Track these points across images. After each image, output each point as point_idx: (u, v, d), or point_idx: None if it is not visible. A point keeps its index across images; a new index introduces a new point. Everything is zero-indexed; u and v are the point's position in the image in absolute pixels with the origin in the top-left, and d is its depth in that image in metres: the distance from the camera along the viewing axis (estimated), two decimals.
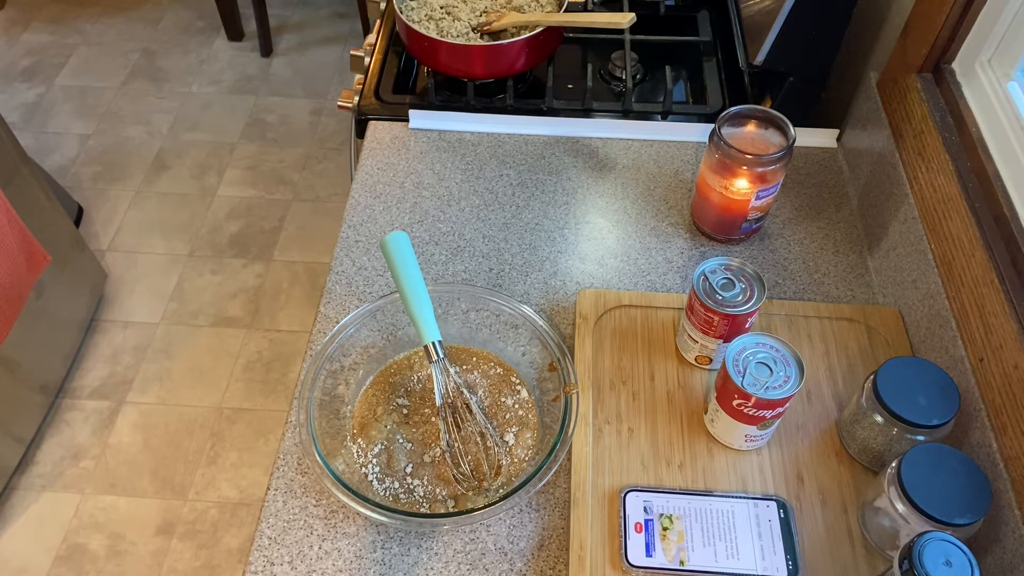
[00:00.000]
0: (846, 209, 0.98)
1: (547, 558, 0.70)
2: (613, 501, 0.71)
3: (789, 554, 0.68)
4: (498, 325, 0.81)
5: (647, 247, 0.94)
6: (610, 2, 1.28)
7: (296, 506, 0.72)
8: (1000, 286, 0.70)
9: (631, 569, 0.67)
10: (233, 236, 2.15)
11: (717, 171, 0.86)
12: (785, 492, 0.72)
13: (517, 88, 1.14)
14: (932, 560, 0.55)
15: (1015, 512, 0.63)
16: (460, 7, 1.11)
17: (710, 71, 1.17)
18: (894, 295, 0.87)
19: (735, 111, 0.86)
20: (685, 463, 0.74)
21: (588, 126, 1.07)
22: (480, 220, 0.96)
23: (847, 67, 1.10)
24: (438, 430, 0.76)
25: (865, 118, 0.98)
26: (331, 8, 2.85)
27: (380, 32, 1.21)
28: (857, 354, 0.82)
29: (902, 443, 0.69)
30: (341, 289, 0.89)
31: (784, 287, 0.90)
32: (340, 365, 0.78)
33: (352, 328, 0.78)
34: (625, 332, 0.84)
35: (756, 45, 1.00)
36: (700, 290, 0.75)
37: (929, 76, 0.89)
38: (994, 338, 0.69)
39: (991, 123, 0.80)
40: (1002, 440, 0.66)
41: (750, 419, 0.70)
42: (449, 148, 1.05)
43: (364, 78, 1.14)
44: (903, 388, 0.69)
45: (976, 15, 0.82)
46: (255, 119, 2.47)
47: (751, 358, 0.70)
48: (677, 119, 1.10)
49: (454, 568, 0.69)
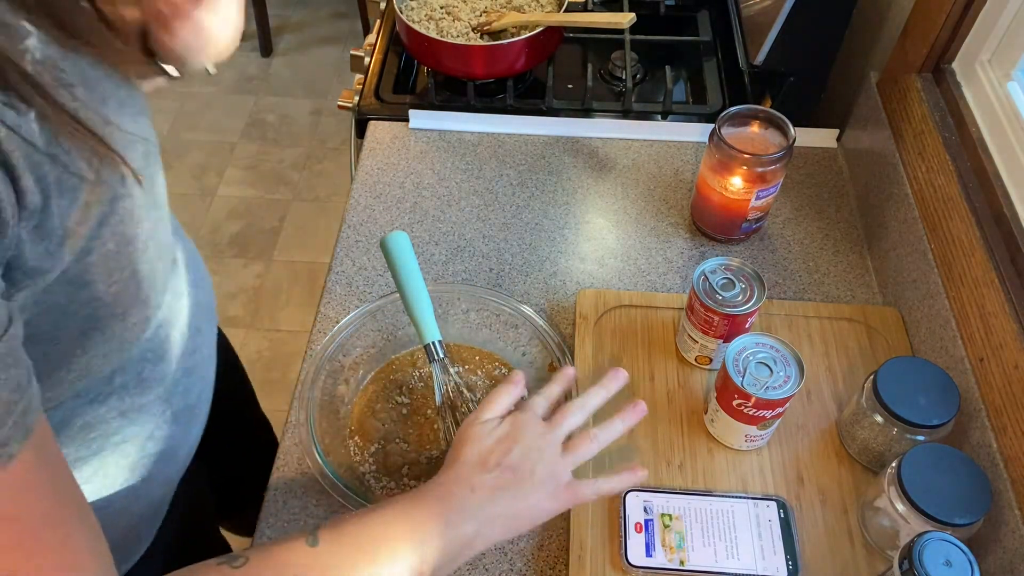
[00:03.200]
0: (846, 209, 0.98)
1: (547, 558, 0.70)
2: (613, 501, 0.71)
3: (789, 554, 0.68)
4: (498, 325, 0.81)
5: (647, 247, 0.94)
6: (610, 2, 1.27)
7: (296, 506, 0.72)
8: (1000, 286, 0.70)
9: (631, 569, 0.67)
10: (233, 236, 2.15)
11: (717, 171, 0.86)
12: (785, 492, 0.72)
13: (517, 88, 1.14)
14: (932, 560, 0.55)
15: (1015, 512, 0.63)
16: (460, 7, 1.11)
17: (710, 71, 1.16)
18: (894, 295, 0.87)
19: (735, 111, 0.86)
20: (685, 463, 0.74)
21: (588, 126, 1.07)
22: (480, 220, 0.96)
23: (847, 67, 1.10)
24: (436, 431, 0.76)
25: (865, 118, 0.98)
26: (331, 8, 2.85)
27: (380, 32, 1.21)
28: (857, 354, 0.82)
29: (902, 443, 0.69)
30: (341, 289, 0.89)
31: (784, 287, 0.90)
32: (340, 365, 0.78)
33: (352, 328, 0.78)
34: (625, 332, 0.84)
35: (756, 45, 1.00)
36: (700, 290, 0.75)
37: (929, 76, 0.89)
38: (994, 338, 0.69)
39: (991, 123, 0.80)
40: (1002, 440, 0.66)
41: (750, 419, 0.70)
42: (449, 148, 1.05)
43: (364, 78, 1.14)
44: (903, 388, 0.69)
45: (976, 15, 0.82)
46: (255, 119, 2.47)
47: (751, 358, 0.70)
48: (677, 119, 1.10)
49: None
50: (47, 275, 0.43)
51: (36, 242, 0.41)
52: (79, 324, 0.48)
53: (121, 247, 0.48)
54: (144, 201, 0.50)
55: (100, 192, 0.45)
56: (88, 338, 0.49)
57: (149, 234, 0.51)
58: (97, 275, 0.47)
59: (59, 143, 0.41)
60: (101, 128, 0.46)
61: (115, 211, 0.46)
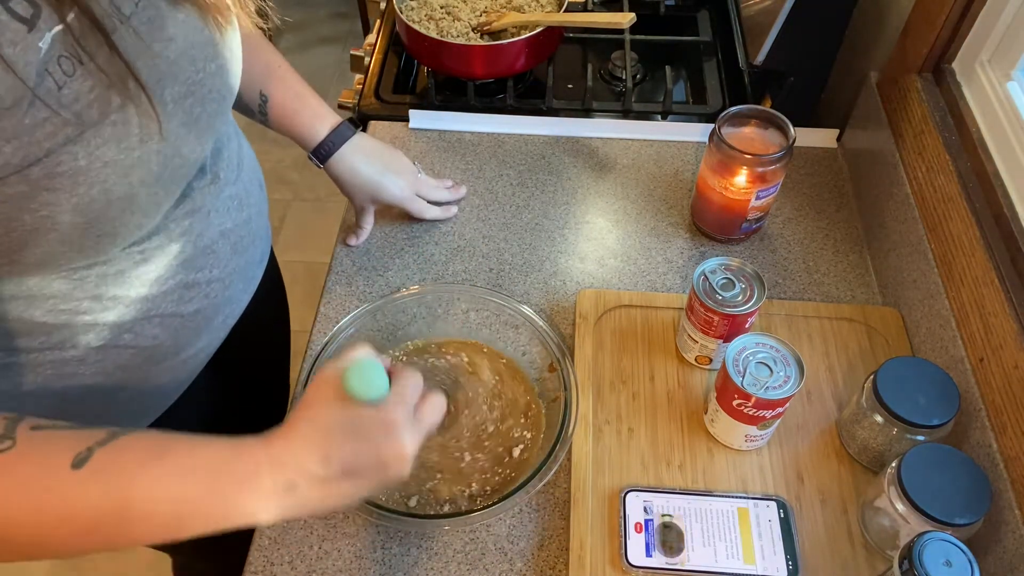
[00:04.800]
0: (846, 209, 0.98)
1: (547, 558, 0.70)
2: (613, 501, 0.71)
3: (789, 554, 0.68)
4: (498, 325, 0.81)
5: (647, 247, 0.94)
6: (610, 2, 1.28)
7: None
8: (1000, 286, 0.70)
9: (631, 569, 0.67)
10: None
11: (717, 171, 0.86)
12: (785, 492, 0.72)
13: (517, 88, 1.14)
14: (932, 560, 0.55)
15: (1015, 512, 0.63)
16: (460, 7, 1.11)
17: (710, 71, 1.17)
18: (894, 295, 0.87)
19: (735, 111, 0.86)
20: (685, 463, 0.74)
21: (588, 126, 1.07)
22: (480, 220, 0.96)
23: (847, 67, 1.10)
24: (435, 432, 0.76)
25: (865, 118, 0.98)
26: (331, 8, 2.85)
27: (380, 32, 1.21)
28: (857, 354, 0.82)
29: (902, 443, 0.69)
30: (341, 289, 0.89)
31: (784, 287, 0.90)
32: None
33: (352, 328, 0.78)
34: (625, 332, 0.84)
35: (756, 45, 1.00)
36: (700, 290, 0.75)
37: (929, 76, 0.89)
38: (994, 338, 0.69)
39: (991, 123, 0.80)
40: (1002, 440, 0.66)
41: (750, 419, 0.70)
42: (449, 148, 1.05)
43: (364, 78, 1.14)
44: (903, 388, 0.69)
45: (976, 15, 0.82)
46: None
47: (751, 358, 0.70)
48: (677, 119, 1.10)
49: (454, 568, 0.69)
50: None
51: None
52: (33, 220, 0.48)
53: (93, 165, 0.49)
54: (146, 134, 0.52)
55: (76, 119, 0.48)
56: (42, 236, 0.50)
57: (140, 162, 0.52)
58: (60, 184, 0.48)
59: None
60: (141, 59, 0.51)
61: (99, 134, 0.49)
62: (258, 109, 0.83)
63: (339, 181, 0.88)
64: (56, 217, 0.49)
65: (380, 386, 0.55)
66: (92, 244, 0.54)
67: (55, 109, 0.46)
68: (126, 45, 0.50)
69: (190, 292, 0.67)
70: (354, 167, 0.86)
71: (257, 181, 0.79)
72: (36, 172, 0.46)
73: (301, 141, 0.85)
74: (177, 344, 0.69)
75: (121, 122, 0.50)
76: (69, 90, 0.46)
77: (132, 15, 0.51)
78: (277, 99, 0.83)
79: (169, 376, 0.72)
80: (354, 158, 0.86)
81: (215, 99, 0.61)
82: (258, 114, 0.84)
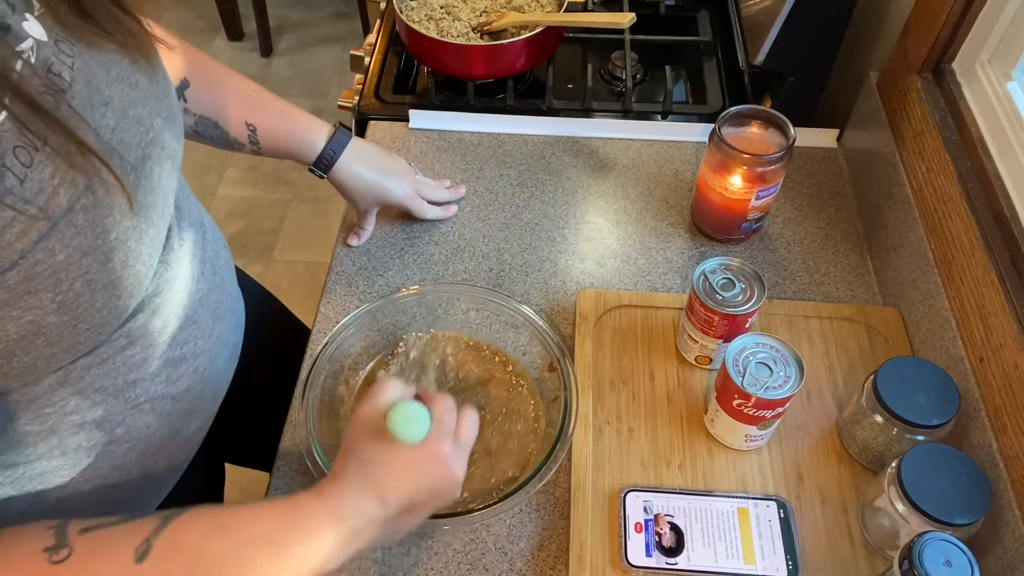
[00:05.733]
0: (846, 209, 0.98)
1: (547, 558, 0.70)
2: (613, 501, 0.71)
3: (789, 554, 0.68)
4: (498, 325, 0.81)
5: (647, 247, 0.94)
6: (610, 2, 1.28)
7: None
8: (1000, 286, 0.70)
9: (631, 569, 0.67)
10: (233, 236, 2.15)
11: (717, 171, 0.86)
12: (785, 492, 0.72)
13: (517, 88, 1.14)
14: (932, 560, 0.55)
15: (1015, 512, 0.63)
16: (460, 7, 1.11)
17: (710, 71, 1.16)
18: (894, 295, 0.87)
19: (735, 111, 0.86)
20: (685, 463, 0.74)
21: (588, 126, 1.07)
22: (480, 220, 0.96)
23: (847, 67, 1.10)
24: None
25: (865, 118, 0.98)
26: (331, 8, 2.85)
27: (380, 32, 1.21)
28: (857, 354, 0.82)
29: (902, 443, 0.69)
30: (341, 289, 0.89)
31: (784, 287, 0.90)
32: (340, 365, 0.78)
33: (352, 328, 0.78)
34: (625, 332, 0.84)
35: (756, 45, 1.00)
36: (700, 290, 0.75)
37: (929, 76, 0.89)
38: (994, 338, 0.69)
39: (991, 123, 0.80)
40: (1002, 440, 0.66)
41: (750, 419, 0.70)
42: (449, 148, 1.05)
43: (364, 78, 1.14)
44: (903, 388, 0.69)
45: (976, 15, 0.82)
46: None
47: (751, 358, 0.70)
48: (677, 119, 1.10)
49: (454, 568, 0.69)
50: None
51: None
52: (18, 328, 0.46)
53: (72, 258, 0.46)
54: (117, 211, 0.49)
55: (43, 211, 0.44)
56: (29, 342, 0.47)
57: (118, 243, 0.50)
58: (42, 285, 0.45)
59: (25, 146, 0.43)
60: (88, 134, 0.47)
61: (72, 223, 0.46)
62: (248, 140, 0.81)
63: (342, 188, 0.87)
64: (42, 320, 0.46)
65: (424, 425, 0.58)
66: (81, 340, 0.51)
67: (19, 209, 0.43)
68: (73, 123, 0.46)
69: (178, 370, 0.63)
70: (357, 173, 0.85)
71: (220, 240, 0.75)
72: (13, 276, 0.43)
73: (300, 157, 0.83)
74: (172, 428, 0.65)
75: (92, 206, 0.47)
76: (32, 182, 0.43)
77: (72, 82, 0.47)
78: (265, 124, 0.81)
79: (166, 463, 0.68)
80: (355, 164, 0.85)
81: (170, 154, 0.57)
82: (249, 145, 0.81)
